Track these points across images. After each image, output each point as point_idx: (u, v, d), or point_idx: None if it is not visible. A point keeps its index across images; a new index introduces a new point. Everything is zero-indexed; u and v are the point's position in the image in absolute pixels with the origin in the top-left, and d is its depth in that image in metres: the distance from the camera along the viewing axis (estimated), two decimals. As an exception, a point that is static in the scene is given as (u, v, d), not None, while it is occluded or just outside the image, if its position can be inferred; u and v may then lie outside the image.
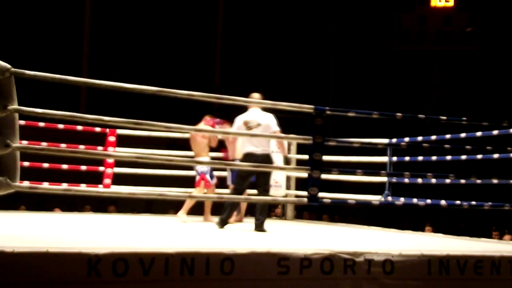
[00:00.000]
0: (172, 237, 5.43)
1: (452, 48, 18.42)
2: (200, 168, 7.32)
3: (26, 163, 6.94)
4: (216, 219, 6.96)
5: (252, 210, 7.62)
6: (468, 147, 5.73)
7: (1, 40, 13.77)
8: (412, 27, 18.56)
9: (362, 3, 18.35)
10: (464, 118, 5.71)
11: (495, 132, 6.44)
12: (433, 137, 7.31)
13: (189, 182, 8.00)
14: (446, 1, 18.52)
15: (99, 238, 4.86)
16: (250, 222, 7.35)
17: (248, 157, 6.29)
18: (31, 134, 7.82)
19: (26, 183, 5.63)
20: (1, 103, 4.05)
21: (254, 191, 6.70)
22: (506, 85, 16.93)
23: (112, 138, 8.13)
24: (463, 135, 6.92)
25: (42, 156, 4.90)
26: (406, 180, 7.50)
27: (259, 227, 6.27)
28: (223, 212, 6.47)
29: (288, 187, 8.81)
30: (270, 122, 6.33)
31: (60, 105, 5.19)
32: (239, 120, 6.48)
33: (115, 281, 3.57)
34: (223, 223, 6.45)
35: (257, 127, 6.32)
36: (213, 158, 7.75)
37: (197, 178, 7.37)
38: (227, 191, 7.84)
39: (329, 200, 6.21)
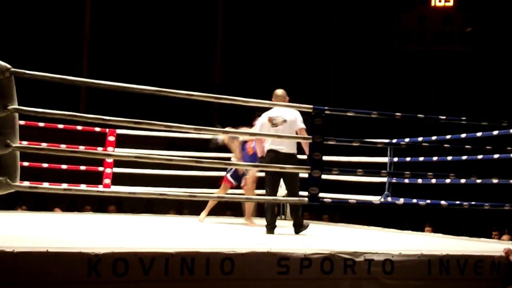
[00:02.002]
0: (172, 237, 5.43)
1: (452, 48, 18.41)
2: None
3: (26, 163, 6.94)
4: (256, 221, 6.87)
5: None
6: (468, 147, 5.72)
7: (1, 40, 13.76)
8: (412, 27, 18.55)
9: (362, 3, 18.34)
10: (464, 118, 5.71)
11: (495, 132, 6.44)
12: (434, 138, 7.32)
13: (189, 182, 8.01)
14: (446, 1, 18.50)
15: (99, 238, 4.86)
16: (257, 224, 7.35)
17: (271, 153, 6.06)
18: (31, 134, 7.82)
19: (26, 183, 5.63)
20: (1, 103, 4.05)
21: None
22: (506, 85, 16.92)
23: (111, 138, 8.14)
24: (463, 135, 6.92)
25: (42, 156, 4.90)
26: (406, 180, 7.51)
27: (299, 230, 6.13)
28: (267, 217, 6.20)
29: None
30: (297, 118, 6.07)
31: (60, 105, 5.19)
32: (264, 117, 6.20)
33: (115, 281, 3.57)
34: (272, 228, 6.16)
35: (282, 123, 6.05)
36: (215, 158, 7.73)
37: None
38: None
39: (329, 200, 6.21)
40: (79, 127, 8.13)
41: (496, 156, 6.37)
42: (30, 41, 14.91)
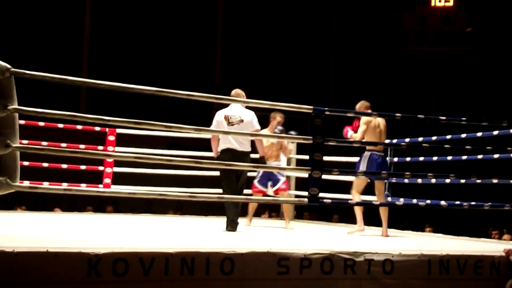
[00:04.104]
0: (172, 237, 5.43)
1: (452, 48, 18.41)
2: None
3: (26, 163, 6.94)
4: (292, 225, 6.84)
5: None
6: (468, 147, 5.73)
7: (1, 40, 13.76)
8: (412, 27, 18.55)
9: (362, 3, 18.34)
10: (464, 118, 5.71)
11: (495, 132, 6.44)
12: (434, 138, 7.32)
13: (189, 182, 8.00)
14: (446, 1, 18.51)
15: (99, 238, 4.86)
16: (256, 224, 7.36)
17: (226, 152, 6.11)
18: (31, 133, 7.82)
19: (26, 183, 5.63)
20: (1, 103, 4.05)
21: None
22: (506, 85, 16.93)
23: (111, 137, 8.14)
24: (463, 135, 6.93)
25: (42, 155, 4.90)
26: (406, 180, 7.51)
27: (232, 227, 6.08)
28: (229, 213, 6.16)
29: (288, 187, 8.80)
30: (253, 119, 6.17)
31: (60, 105, 5.19)
32: (220, 114, 6.24)
33: (115, 281, 3.57)
34: (235, 225, 6.14)
35: (239, 123, 6.13)
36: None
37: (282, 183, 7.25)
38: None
39: (329, 200, 6.21)
40: (79, 127, 8.13)
41: (496, 156, 6.38)
42: (30, 41, 14.91)
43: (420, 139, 7.39)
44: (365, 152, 6.57)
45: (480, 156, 6.60)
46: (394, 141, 7.54)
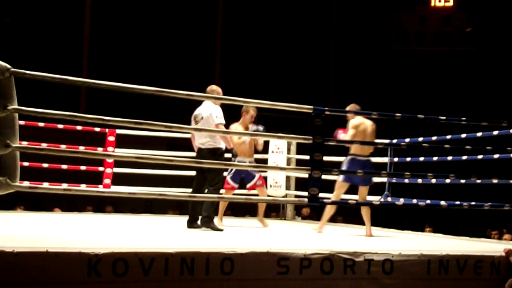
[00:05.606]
0: (172, 237, 5.43)
1: (452, 48, 18.41)
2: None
3: (26, 163, 6.94)
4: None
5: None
6: (468, 147, 5.73)
7: (1, 40, 13.76)
8: (412, 27, 18.55)
9: (362, 3, 18.34)
10: (464, 118, 5.72)
11: (495, 132, 6.44)
12: (434, 138, 7.32)
13: (189, 182, 7.99)
14: (446, 1, 18.50)
15: (99, 238, 4.87)
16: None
17: (198, 152, 6.26)
18: (31, 134, 7.82)
19: (26, 183, 5.64)
20: (1, 103, 4.05)
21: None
22: (506, 85, 16.92)
23: (111, 138, 8.14)
24: (463, 135, 6.93)
25: (42, 156, 4.90)
26: (406, 180, 7.51)
27: (206, 224, 6.11)
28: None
29: (288, 187, 8.81)
30: (212, 114, 6.14)
31: (60, 105, 5.19)
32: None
33: (115, 281, 3.58)
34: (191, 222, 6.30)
35: (201, 120, 6.21)
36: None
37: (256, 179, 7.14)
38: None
39: (329, 200, 6.21)
40: (79, 127, 8.14)
41: (496, 156, 6.38)
42: (30, 41, 14.90)
43: (420, 139, 7.39)
44: (348, 157, 6.54)
45: (480, 156, 6.60)
46: (394, 141, 7.54)
